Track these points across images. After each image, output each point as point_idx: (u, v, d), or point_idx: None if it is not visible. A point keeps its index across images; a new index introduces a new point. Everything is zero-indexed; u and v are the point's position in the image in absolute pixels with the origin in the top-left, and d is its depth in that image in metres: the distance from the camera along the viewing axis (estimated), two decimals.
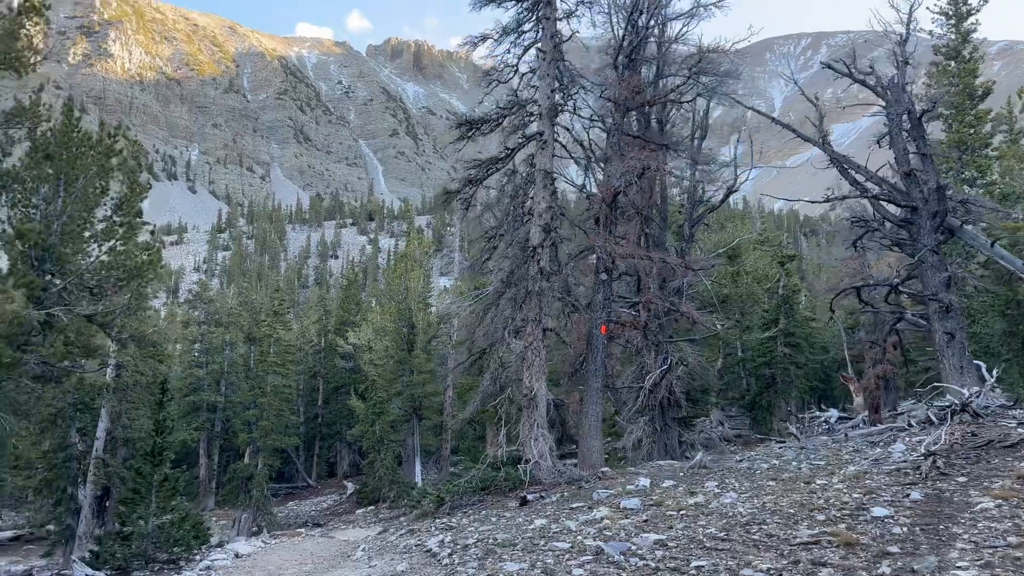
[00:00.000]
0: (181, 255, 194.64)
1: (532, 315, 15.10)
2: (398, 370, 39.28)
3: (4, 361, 10.87)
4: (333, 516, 39.54)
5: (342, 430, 47.91)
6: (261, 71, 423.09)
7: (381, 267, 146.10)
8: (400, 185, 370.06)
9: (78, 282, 12.59)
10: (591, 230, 16.71)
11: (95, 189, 13.19)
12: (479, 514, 12.53)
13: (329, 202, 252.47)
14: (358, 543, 13.60)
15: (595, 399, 16.01)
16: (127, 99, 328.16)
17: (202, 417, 46.17)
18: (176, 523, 13.15)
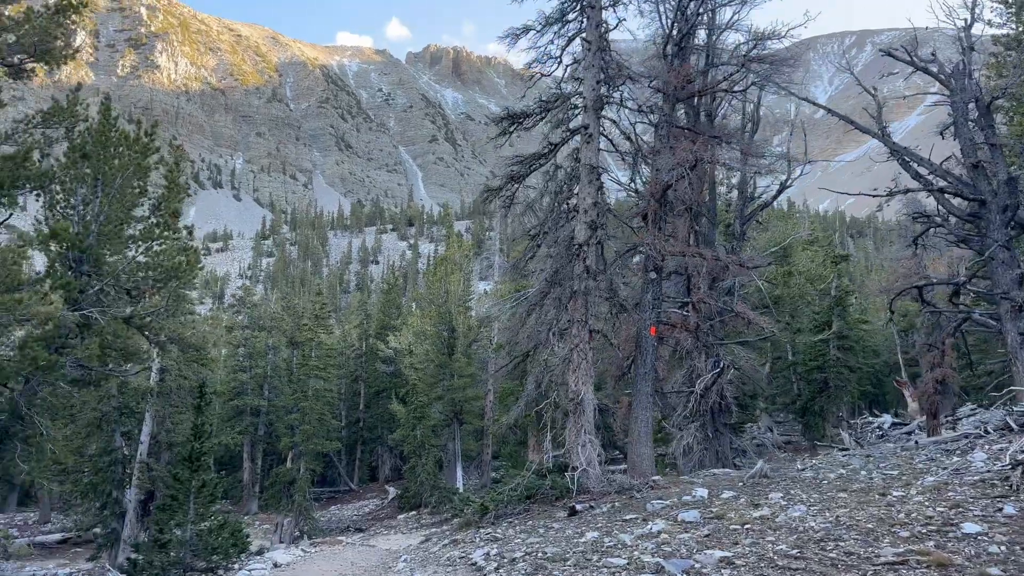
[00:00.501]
0: (227, 262, 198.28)
1: (578, 316, 14.45)
2: (439, 374, 38.96)
3: (40, 364, 10.63)
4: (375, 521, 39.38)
5: (383, 434, 47.85)
6: (303, 80, 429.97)
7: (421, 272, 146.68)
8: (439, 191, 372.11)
9: (115, 284, 12.35)
10: (638, 227, 16.00)
11: (133, 189, 12.97)
12: (525, 524, 11.91)
13: (370, 208, 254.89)
14: (399, 553, 13.09)
15: (645, 404, 15.27)
16: (173, 109, 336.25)
17: (245, 421, 46.50)
18: (214, 530, 12.80)
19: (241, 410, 46.48)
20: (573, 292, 14.63)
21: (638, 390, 15.35)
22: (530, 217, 16.51)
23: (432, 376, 38.91)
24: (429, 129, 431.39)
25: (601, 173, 15.11)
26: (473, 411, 40.63)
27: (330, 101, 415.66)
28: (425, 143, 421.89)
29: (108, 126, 13.04)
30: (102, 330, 11.99)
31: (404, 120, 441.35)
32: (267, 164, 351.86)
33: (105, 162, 12.74)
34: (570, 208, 15.31)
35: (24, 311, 9.81)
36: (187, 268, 12.99)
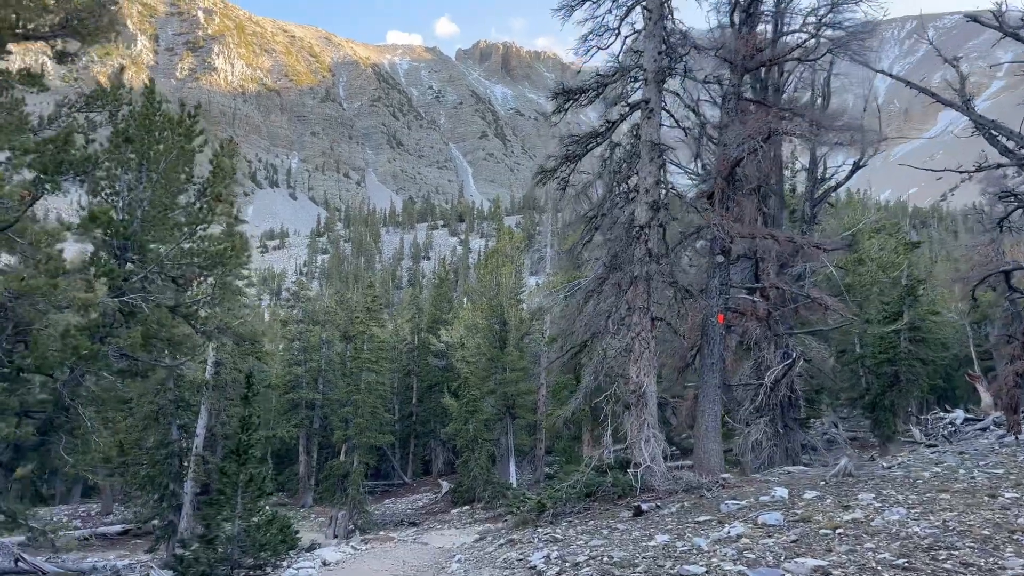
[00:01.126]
0: (284, 259, 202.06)
1: (639, 303, 13.53)
2: (490, 368, 38.39)
3: (82, 353, 10.28)
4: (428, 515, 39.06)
5: (436, 428, 47.63)
6: (355, 79, 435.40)
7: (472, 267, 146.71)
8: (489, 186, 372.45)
9: (160, 271, 11.97)
10: (703, 208, 14.96)
11: (177, 173, 12.58)
12: (587, 524, 11.09)
13: (421, 205, 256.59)
14: (453, 552, 12.41)
15: (712, 397, 14.27)
16: (231, 110, 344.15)
17: (301, 414, 46.80)
18: (263, 526, 12.33)
19: (296, 403, 46.81)
20: (633, 277, 13.72)
21: (704, 382, 14.36)
22: (584, 202, 15.64)
23: (484, 370, 38.37)
24: (479, 125, 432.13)
25: (664, 150, 14.14)
26: (525, 405, 40.04)
27: (382, 99, 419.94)
28: (475, 139, 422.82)
29: (152, 109, 12.69)
30: (146, 319, 11.63)
31: (454, 117, 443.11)
32: (321, 163, 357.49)
33: (149, 146, 12.38)
34: (629, 188, 14.38)
35: (61, 297, 9.43)
36: (233, 254, 12.55)
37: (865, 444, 32.60)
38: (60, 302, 9.21)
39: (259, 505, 12.57)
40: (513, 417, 38.85)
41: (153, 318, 11.58)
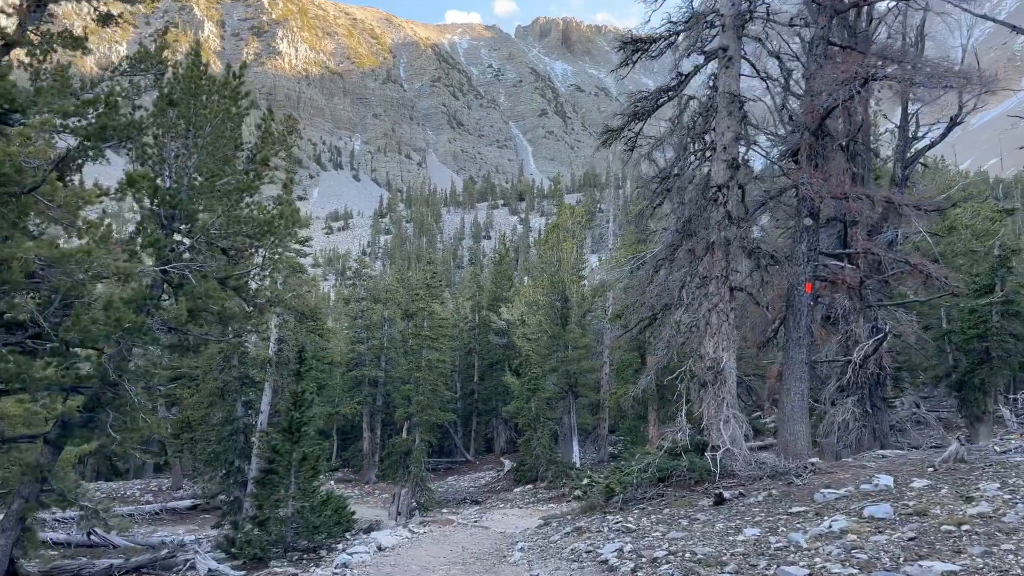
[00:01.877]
0: (348, 240, 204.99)
1: (716, 271, 12.34)
2: (552, 345, 37.51)
3: (125, 326, 9.79)
4: (491, 493, 38.61)
5: (497, 407, 47.21)
6: (416, 60, 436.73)
7: (532, 246, 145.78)
8: (549, 165, 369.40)
9: (207, 241, 11.42)
10: (788, 167, 13.59)
11: (224, 138, 11.98)
12: (661, 513, 10.08)
13: (481, 184, 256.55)
14: (515, 538, 11.59)
15: (798, 374, 13.01)
16: (295, 94, 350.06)
17: (364, 391, 46.95)
18: (317, 507, 11.75)
19: (360, 381, 46.98)
20: (710, 243, 12.52)
21: (790, 357, 13.09)
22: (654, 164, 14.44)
23: (545, 347, 37.52)
24: (539, 103, 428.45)
25: (744, 103, 12.83)
26: (588, 384, 39.09)
27: (442, 80, 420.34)
28: (535, 117, 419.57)
29: (197, 72, 12.11)
30: (193, 290, 11.10)
31: (514, 95, 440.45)
32: (383, 144, 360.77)
33: (195, 110, 11.80)
34: (705, 145, 13.14)
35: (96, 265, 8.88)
36: (283, 223, 11.90)
37: (950, 425, 30.53)
38: (96, 271, 8.69)
39: (314, 485, 11.99)
40: (576, 396, 37.94)
41: (200, 290, 11.03)
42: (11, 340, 10.59)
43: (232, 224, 11.43)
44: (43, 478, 10.50)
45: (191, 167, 11.81)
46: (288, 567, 10.86)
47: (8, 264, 8.06)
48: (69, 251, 8.38)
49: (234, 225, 11.45)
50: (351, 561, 9.44)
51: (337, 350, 49.74)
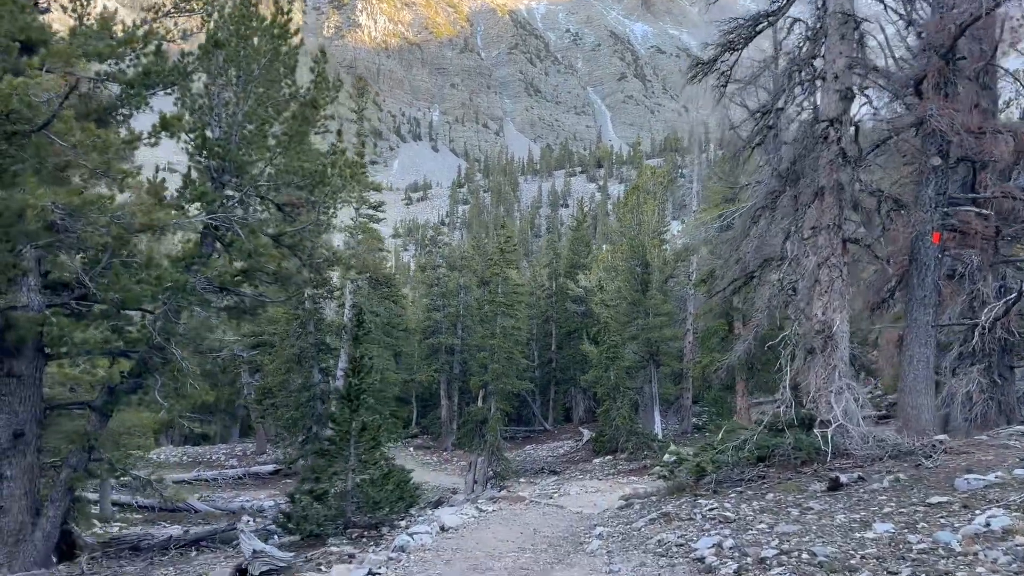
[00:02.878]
0: (427, 210, 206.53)
1: (827, 219, 10.63)
2: (632, 312, 35.99)
3: (166, 284, 9.02)
4: (569, 463, 37.69)
5: (576, 376, 46.19)
6: (493, 27, 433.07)
7: (610, 214, 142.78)
8: (628, 130, 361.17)
9: (256, 194, 10.56)
10: (910, 100, 11.64)
11: (274, 82, 11.04)
12: (764, 499, 8.65)
13: (559, 152, 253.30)
14: (593, 520, 10.40)
15: (922, 338, 11.22)
16: (375, 66, 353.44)
17: (441, 359, 46.73)
18: (377, 481, 10.85)
19: (437, 348, 46.77)
20: (819, 188, 10.80)
21: (913, 319, 11.29)
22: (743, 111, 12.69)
23: (625, 315, 36.03)
24: (618, 67, 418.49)
25: (859, 23, 10.95)
26: (670, 352, 37.47)
27: (519, 47, 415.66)
28: (613, 82, 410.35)
29: (246, 12, 11.16)
30: (242, 247, 10.28)
31: (592, 59, 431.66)
32: (461, 114, 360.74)
33: (243, 52, 10.88)
34: (814, 74, 11.33)
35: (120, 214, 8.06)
36: (335, 173, 10.90)
37: None
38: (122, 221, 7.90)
39: (375, 456, 11.09)
40: (657, 365, 36.38)
41: (249, 246, 10.19)
42: (56, 301, 10.03)
43: (280, 175, 10.49)
44: (90, 447, 9.96)
45: (240, 115, 10.91)
46: (346, 545, 10.02)
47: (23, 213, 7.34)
48: (89, 198, 7.59)
49: (282, 176, 10.51)
50: (409, 544, 8.47)
51: (415, 318, 49.65)
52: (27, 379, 9.65)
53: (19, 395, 9.60)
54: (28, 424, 9.67)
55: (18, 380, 9.62)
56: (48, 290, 10.11)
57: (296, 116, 10.81)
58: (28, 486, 9.71)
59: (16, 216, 7.45)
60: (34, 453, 9.75)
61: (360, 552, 9.44)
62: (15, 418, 9.56)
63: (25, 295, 9.59)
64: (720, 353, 31.00)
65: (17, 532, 9.60)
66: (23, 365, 9.62)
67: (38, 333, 9.31)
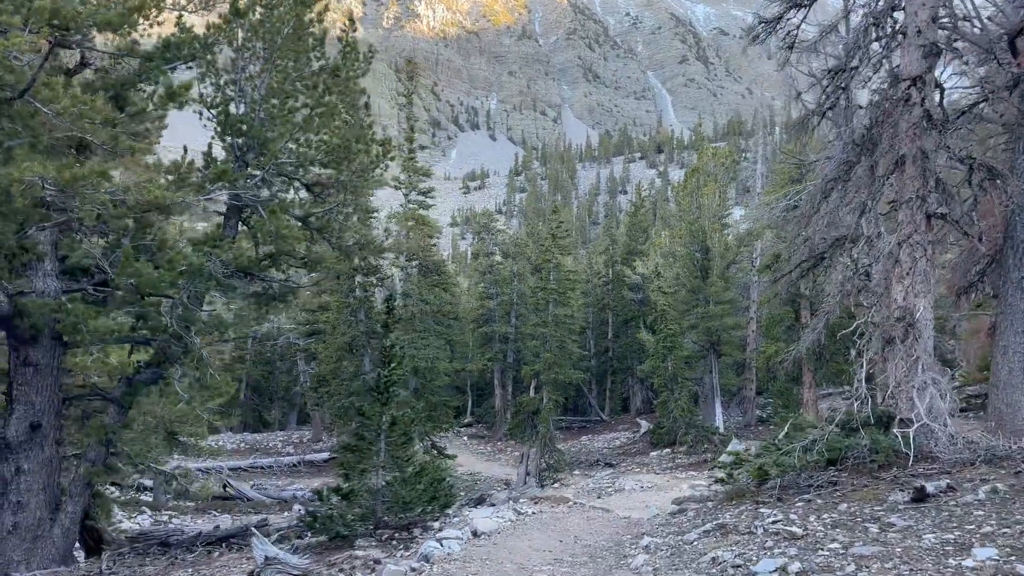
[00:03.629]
0: (484, 199, 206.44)
1: (910, 192, 9.36)
2: (691, 300, 34.61)
3: (180, 268, 8.46)
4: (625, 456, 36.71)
5: (633, 365, 45.05)
6: (551, 13, 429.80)
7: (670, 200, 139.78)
8: (690, 114, 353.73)
9: (278, 172, 9.91)
10: (1004, 57, 10.21)
11: (300, 53, 10.36)
12: (836, 509, 7.55)
13: (617, 138, 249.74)
14: (641, 526, 9.45)
15: (1019, 326, 9.83)
16: (433, 56, 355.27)
17: (495, 348, 46.19)
18: (409, 479, 10.13)
19: (490, 337, 46.26)
20: (899, 157, 9.52)
21: (1008, 305, 9.91)
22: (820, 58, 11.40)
23: (683, 302, 34.67)
24: (679, 50, 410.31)
25: None
26: (732, 342, 35.98)
27: (577, 32, 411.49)
28: (674, 65, 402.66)
29: None
30: (263, 228, 9.66)
31: (652, 43, 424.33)
32: (518, 102, 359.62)
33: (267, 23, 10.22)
34: (894, 29, 10.02)
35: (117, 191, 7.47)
36: (363, 149, 10.13)
37: None
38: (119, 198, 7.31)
39: (407, 453, 10.38)
40: (718, 355, 34.93)
41: (271, 228, 9.56)
42: (73, 288, 9.60)
43: (301, 150, 9.81)
44: (108, 440, 9.51)
45: (263, 88, 10.26)
46: (375, 548, 9.33)
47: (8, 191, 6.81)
48: (79, 173, 7.01)
49: (303, 152, 9.83)
50: (434, 553, 7.70)
51: (468, 306, 49.19)
52: (44, 368, 9.27)
53: (36, 385, 9.23)
54: (46, 415, 9.29)
55: (35, 369, 9.23)
56: (67, 276, 9.70)
57: (317, 86, 10.09)
58: (46, 480, 9.34)
59: (5, 194, 6.94)
60: (52, 446, 9.37)
61: (387, 556, 8.74)
62: (31, 409, 9.19)
63: (41, 280, 9.19)
64: (785, 343, 29.52)
65: (35, 528, 9.25)
66: (39, 354, 9.23)
67: (54, 320, 8.88)
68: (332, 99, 10.04)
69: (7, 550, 9.08)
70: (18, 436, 9.12)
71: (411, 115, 29.99)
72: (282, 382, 49.94)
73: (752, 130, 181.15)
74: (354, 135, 10.12)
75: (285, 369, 47.97)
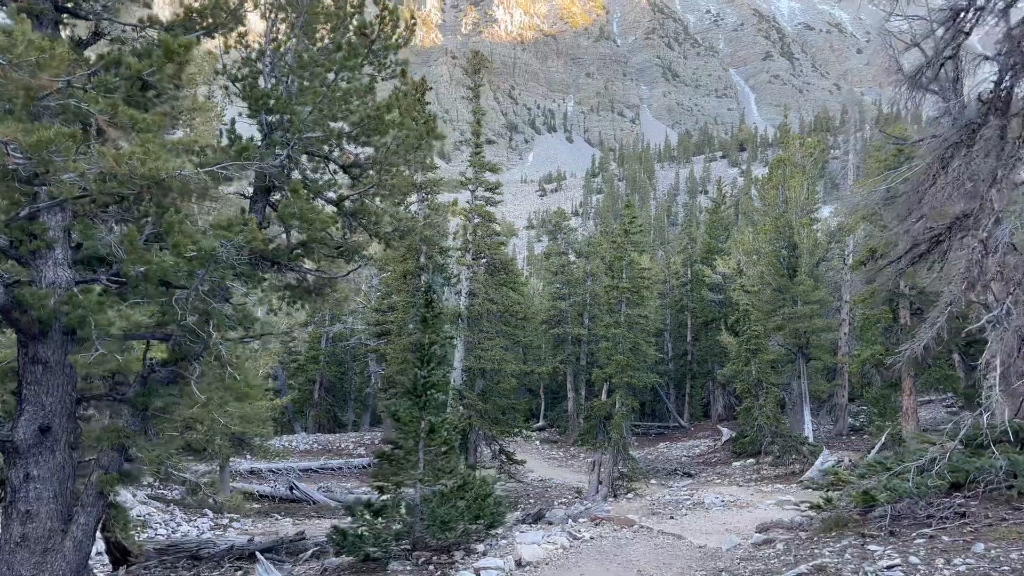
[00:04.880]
0: (560, 201, 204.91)
1: None
2: (776, 300, 32.37)
3: (187, 254, 7.54)
4: (705, 466, 34.88)
5: (713, 369, 42.96)
6: (629, 13, 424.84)
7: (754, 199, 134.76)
8: (774, 111, 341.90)
9: (300, 144, 8.89)
10: None
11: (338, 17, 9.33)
12: (968, 551, 5.89)
13: (698, 137, 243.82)
14: (719, 562, 7.93)
15: None
16: (511, 60, 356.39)
17: (567, 350, 44.95)
18: (448, 496, 8.93)
19: (562, 339, 45.05)
20: None
21: None
22: None
23: (768, 302, 32.44)
24: (762, 46, 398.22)
25: None
26: (822, 345, 33.62)
27: (656, 31, 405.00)
28: (758, 61, 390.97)
29: None
30: (285, 210, 8.66)
31: (734, 40, 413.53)
32: (596, 104, 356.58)
33: None
34: None
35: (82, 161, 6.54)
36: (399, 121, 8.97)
37: None
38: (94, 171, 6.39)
39: (448, 464, 9.18)
40: (807, 359, 32.56)
41: (293, 209, 8.54)
42: (89, 278, 8.83)
43: (324, 119, 8.74)
44: (121, 445, 8.69)
45: (291, 59, 9.30)
46: (409, 574, 8.14)
47: None
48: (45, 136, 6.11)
49: (326, 121, 8.76)
50: None
51: (540, 307, 48.09)
52: (55, 366, 8.52)
53: (46, 384, 8.49)
54: (57, 418, 8.54)
55: (44, 367, 8.49)
56: (82, 265, 8.96)
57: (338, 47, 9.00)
58: (58, 488, 8.58)
59: None
60: (65, 451, 8.61)
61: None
62: (41, 411, 8.45)
63: (51, 270, 8.43)
64: (880, 346, 27.13)
65: (46, 540, 8.50)
66: (49, 351, 8.49)
67: (63, 314, 8.12)
68: (353, 60, 8.95)
69: (15, 563, 8.36)
70: (27, 440, 8.38)
71: (477, 108, 29.00)
72: (355, 383, 49.94)
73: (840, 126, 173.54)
74: (386, 103, 9.00)
75: (358, 370, 47.93)
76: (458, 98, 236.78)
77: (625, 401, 27.06)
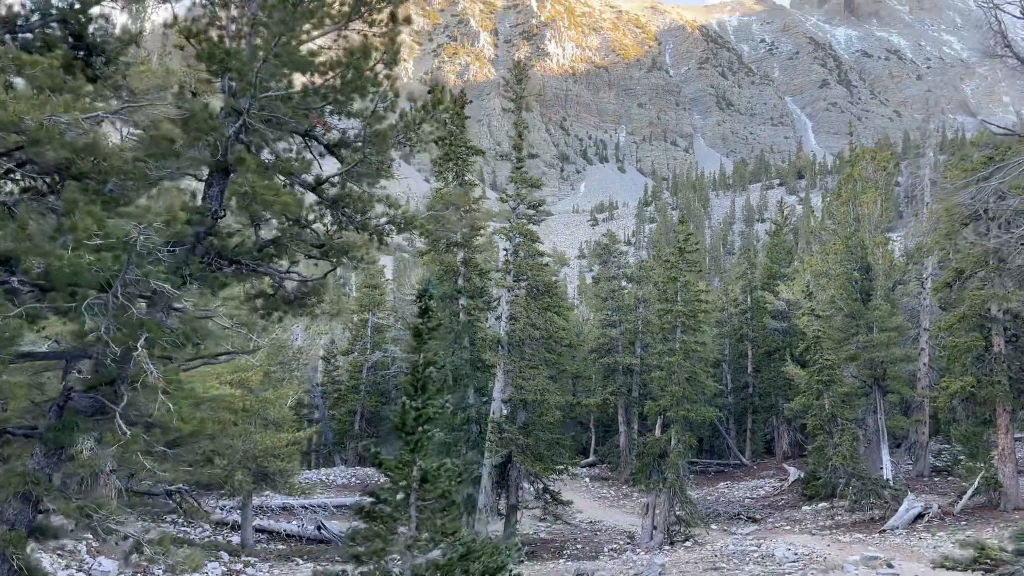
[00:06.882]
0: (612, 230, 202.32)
1: None
2: (849, 327, 29.46)
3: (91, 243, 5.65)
4: (772, 509, 31.91)
5: (777, 403, 39.82)
6: (682, 44, 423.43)
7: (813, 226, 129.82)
8: (832, 139, 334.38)
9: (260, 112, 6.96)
10: None
11: None
12: None
13: (754, 165, 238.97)
14: None
15: None
16: (563, 92, 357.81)
17: (618, 380, 42.32)
18: (448, 568, 6.73)
19: (613, 368, 42.43)
20: None
21: None
22: None
23: (840, 329, 29.54)
24: (819, 74, 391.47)
25: None
26: (900, 376, 30.50)
27: (709, 61, 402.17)
28: (814, 89, 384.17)
29: None
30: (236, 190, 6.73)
31: (790, 68, 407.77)
32: (648, 134, 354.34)
33: None
34: None
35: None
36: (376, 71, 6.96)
37: None
38: None
39: (447, 524, 6.97)
40: (884, 391, 29.42)
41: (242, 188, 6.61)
42: None
43: (282, 68, 6.81)
44: (28, 493, 6.72)
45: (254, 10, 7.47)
46: None
47: None
48: None
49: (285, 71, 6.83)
50: None
51: (590, 335, 45.71)
52: None
53: None
54: None
55: None
56: None
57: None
58: None
59: None
60: None
61: None
62: None
63: None
64: (973, 376, 24.13)
65: None
66: None
67: None
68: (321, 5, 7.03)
69: None
70: None
71: (519, 120, 27.17)
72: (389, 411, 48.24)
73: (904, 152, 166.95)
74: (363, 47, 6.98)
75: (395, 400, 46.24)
76: (508, 129, 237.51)
77: (681, 437, 24.40)
